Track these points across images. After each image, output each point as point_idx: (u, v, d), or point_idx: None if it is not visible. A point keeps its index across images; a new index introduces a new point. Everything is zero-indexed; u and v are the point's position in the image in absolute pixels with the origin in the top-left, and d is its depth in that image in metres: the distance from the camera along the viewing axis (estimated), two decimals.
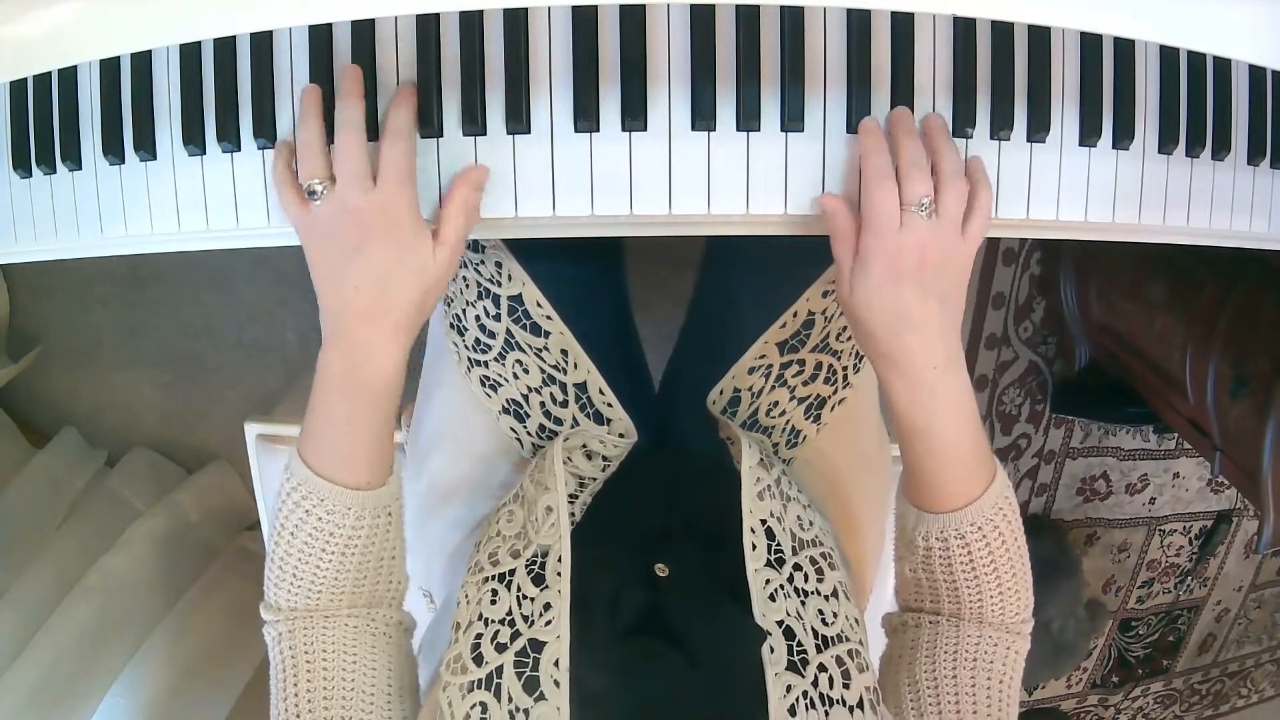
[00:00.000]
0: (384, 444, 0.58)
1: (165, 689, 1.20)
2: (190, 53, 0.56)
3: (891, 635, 0.66)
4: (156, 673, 1.21)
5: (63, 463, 1.41)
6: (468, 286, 0.72)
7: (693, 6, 0.54)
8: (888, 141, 0.54)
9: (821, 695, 0.51)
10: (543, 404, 0.73)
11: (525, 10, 0.54)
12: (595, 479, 0.66)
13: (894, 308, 0.54)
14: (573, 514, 0.61)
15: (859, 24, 0.55)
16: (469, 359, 0.74)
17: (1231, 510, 2.00)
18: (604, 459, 0.69)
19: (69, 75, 0.58)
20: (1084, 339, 1.61)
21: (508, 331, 0.71)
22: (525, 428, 0.74)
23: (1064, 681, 2.10)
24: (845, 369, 0.75)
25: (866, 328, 0.56)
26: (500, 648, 0.51)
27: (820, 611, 0.56)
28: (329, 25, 0.54)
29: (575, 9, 0.54)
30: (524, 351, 0.72)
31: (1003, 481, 0.60)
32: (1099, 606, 1.90)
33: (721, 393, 0.74)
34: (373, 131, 0.54)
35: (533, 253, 0.70)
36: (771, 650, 0.51)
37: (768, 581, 0.55)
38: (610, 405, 0.72)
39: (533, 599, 0.53)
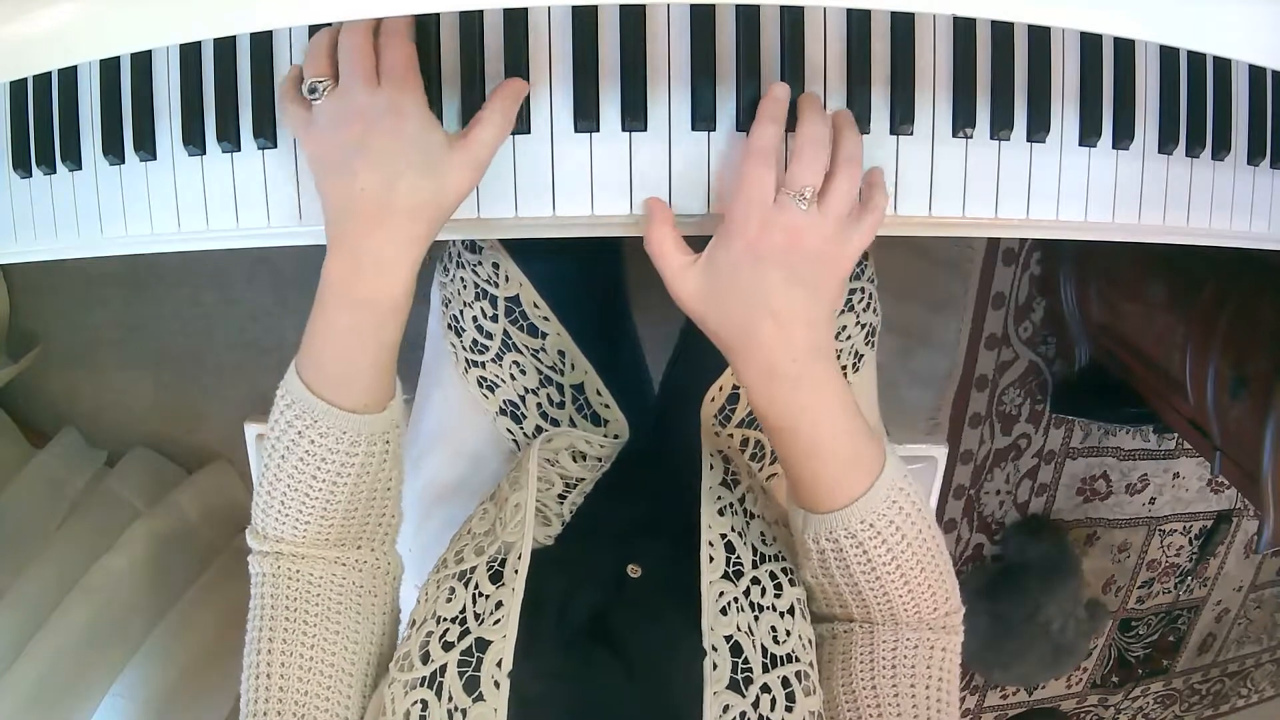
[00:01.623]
0: (385, 365, 0.54)
1: (165, 689, 1.20)
2: (190, 53, 0.56)
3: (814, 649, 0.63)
4: (156, 673, 1.21)
5: (63, 463, 1.41)
6: (465, 287, 0.72)
7: (693, 6, 0.54)
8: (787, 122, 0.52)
9: (762, 717, 0.49)
10: (540, 405, 0.73)
11: (525, 10, 0.54)
12: (584, 479, 0.66)
13: (751, 289, 0.50)
14: (561, 514, 0.61)
15: (859, 24, 0.55)
16: (466, 360, 0.74)
17: (1231, 510, 2.00)
18: (595, 460, 0.69)
19: (69, 75, 0.59)
20: (1084, 339, 1.61)
21: (505, 333, 0.71)
22: (522, 429, 0.74)
23: (1064, 681, 2.10)
24: (844, 367, 0.75)
25: (717, 311, 0.51)
26: (447, 646, 0.50)
27: (773, 629, 0.54)
28: (328, 26, 0.54)
29: (575, 9, 0.54)
30: (521, 353, 0.72)
31: (894, 471, 0.54)
32: (1099, 606, 1.90)
33: (721, 390, 0.74)
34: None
35: (530, 254, 0.70)
36: (714, 667, 0.49)
37: (721, 594, 0.53)
38: (608, 406, 0.72)
39: (488, 596, 0.52)
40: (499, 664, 0.48)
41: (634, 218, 0.56)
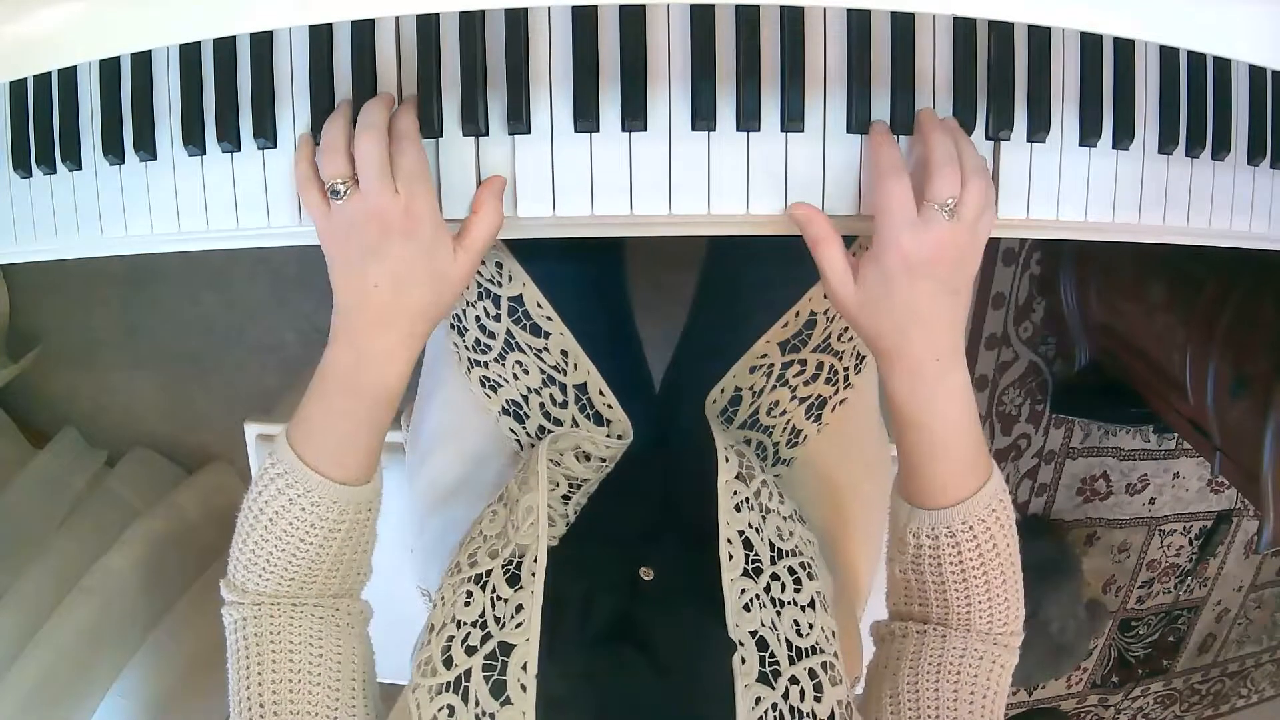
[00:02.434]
0: (377, 445, 0.58)
1: (165, 689, 1.20)
2: (190, 53, 0.56)
3: (879, 644, 0.65)
4: (156, 673, 1.21)
5: (63, 463, 1.41)
6: (468, 287, 0.72)
7: (693, 6, 0.54)
8: (919, 136, 0.54)
9: (792, 708, 0.50)
10: (542, 405, 0.73)
11: (525, 10, 0.54)
12: (589, 479, 0.66)
13: (906, 302, 0.53)
14: (566, 515, 0.61)
15: (859, 24, 0.55)
16: (469, 359, 0.74)
17: (1231, 510, 2.00)
18: (599, 460, 0.69)
19: (69, 75, 0.58)
20: (1084, 339, 1.61)
21: (508, 332, 0.71)
22: (525, 428, 0.74)
23: (1064, 681, 2.10)
24: (847, 369, 0.75)
25: (871, 322, 0.55)
26: (470, 650, 0.51)
27: (795, 622, 0.55)
28: (329, 25, 0.55)
29: (575, 9, 0.54)
30: (524, 352, 0.72)
31: (998, 482, 0.59)
32: (1099, 606, 1.90)
33: (723, 391, 0.74)
34: None
35: (533, 253, 0.70)
36: (743, 661, 0.51)
37: (743, 591, 0.55)
38: (610, 406, 0.72)
39: (506, 600, 0.53)
40: (524, 667, 0.48)
41: (634, 217, 0.56)
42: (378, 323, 0.53)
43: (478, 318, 0.72)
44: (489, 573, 0.55)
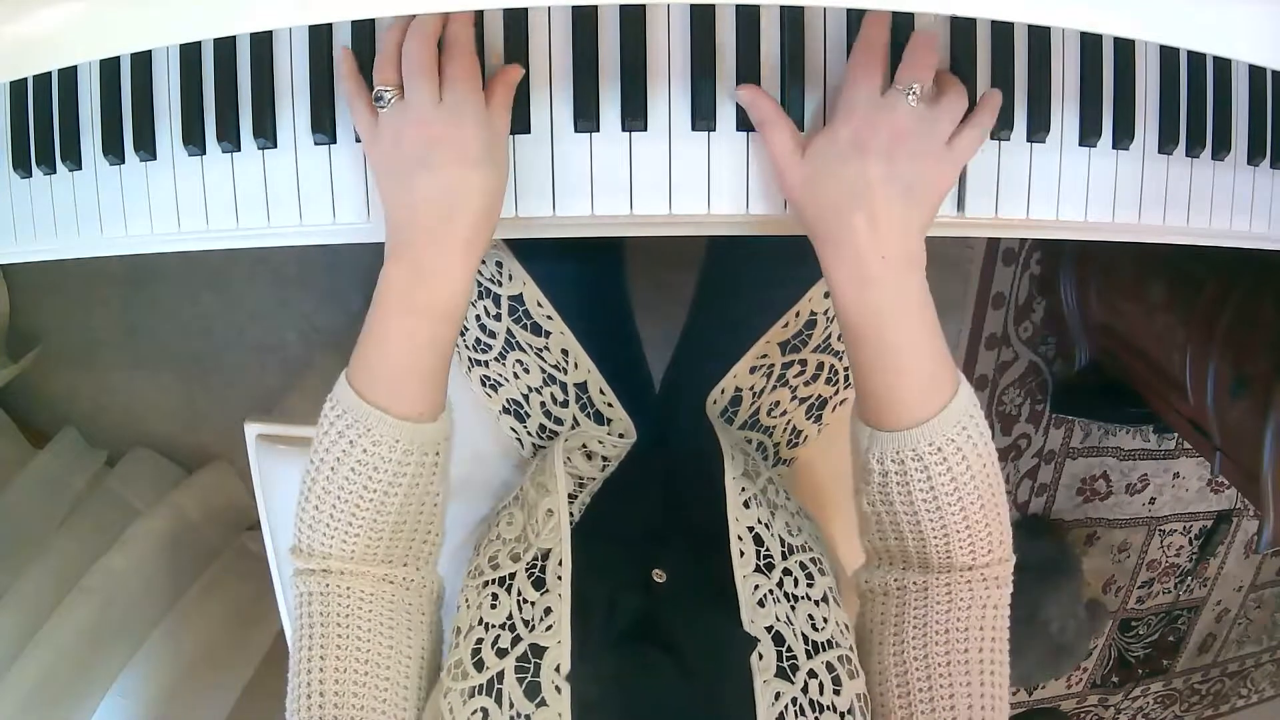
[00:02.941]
0: (440, 373, 0.54)
1: (165, 689, 1.20)
2: (190, 53, 0.56)
3: (861, 601, 0.61)
4: (156, 673, 1.21)
5: (63, 463, 1.41)
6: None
7: (693, 6, 0.54)
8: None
9: (811, 702, 0.50)
10: (543, 404, 0.73)
11: (525, 10, 0.54)
12: (594, 479, 0.66)
13: (851, 179, 0.49)
14: (571, 514, 0.61)
15: (859, 24, 0.55)
16: (469, 359, 0.74)
17: (1231, 510, 2.00)
18: (603, 459, 0.69)
19: (69, 75, 0.58)
20: (1084, 339, 1.61)
21: (508, 331, 0.71)
22: (525, 427, 0.74)
23: (1064, 681, 2.10)
24: (847, 369, 0.75)
25: (814, 203, 0.51)
26: (501, 653, 0.50)
27: (810, 617, 0.55)
28: (329, 25, 0.54)
29: (575, 9, 0.54)
30: (524, 351, 0.72)
31: (967, 397, 0.53)
32: (1099, 606, 1.90)
33: (723, 392, 0.74)
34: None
35: (533, 253, 0.70)
36: (760, 657, 0.50)
37: (756, 587, 0.54)
38: (610, 405, 0.72)
39: (533, 603, 0.53)
40: (557, 669, 0.48)
41: (634, 217, 0.56)
42: (433, 235, 0.50)
43: (478, 317, 0.72)
44: (512, 575, 0.55)
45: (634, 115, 0.54)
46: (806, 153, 0.51)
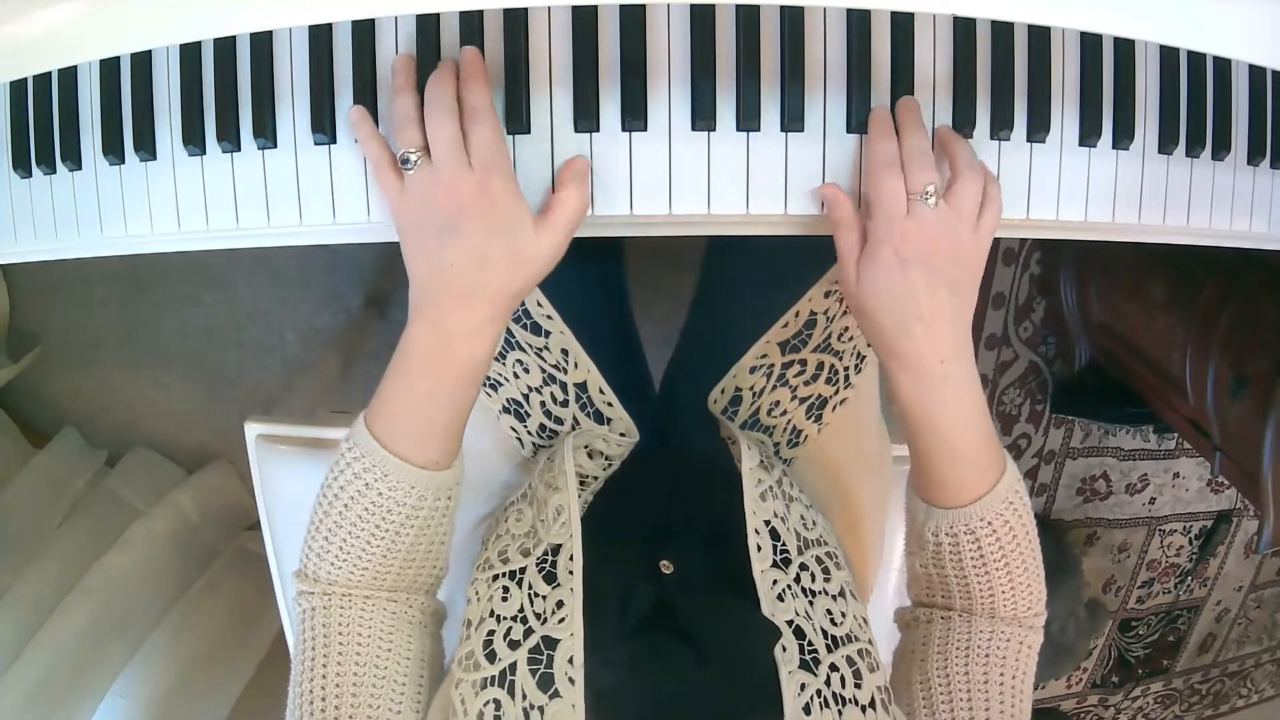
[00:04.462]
0: (459, 428, 0.56)
1: (165, 689, 1.20)
2: (190, 53, 0.56)
3: (904, 630, 0.66)
4: (156, 673, 1.21)
5: (63, 463, 1.41)
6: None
7: (693, 6, 0.54)
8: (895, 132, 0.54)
9: (835, 694, 0.50)
10: (543, 403, 0.73)
11: (525, 10, 0.54)
12: (597, 477, 0.66)
13: (901, 294, 0.53)
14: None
15: (859, 24, 0.55)
16: None
17: (1231, 510, 2.00)
18: (606, 458, 0.69)
19: (69, 75, 0.58)
20: (1084, 339, 1.61)
21: (508, 331, 0.71)
22: (526, 427, 0.74)
23: (1064, 681, 2.10)
24: (847, 369, 0.75)
25: (873, 318, 0.55)
26: (513, 644, 0.50)
27: (829, 611, 0.56)
28: (329, 25, 0.55)
29: (575, 9, 0.54)
30: (524, 351, 0.72)
31: (1013, 475, 0.59)
32: (1099, 606, 1.90)
33: (723, 392, 0.74)
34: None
35: None
36: (784, 649, 0.51)
37: (775, 582, 0.55)
38: (610, 405, 0.72)
39: (545, 596, 0.53)
40: (570, 660, 0.48)
41: (634, 217, 0.56)
42: (459, 300, 0.51)
43: None
44: (523, 569, 0.55)
45: (634, 115, 0.54)
46: (858, 278, 0.54)
